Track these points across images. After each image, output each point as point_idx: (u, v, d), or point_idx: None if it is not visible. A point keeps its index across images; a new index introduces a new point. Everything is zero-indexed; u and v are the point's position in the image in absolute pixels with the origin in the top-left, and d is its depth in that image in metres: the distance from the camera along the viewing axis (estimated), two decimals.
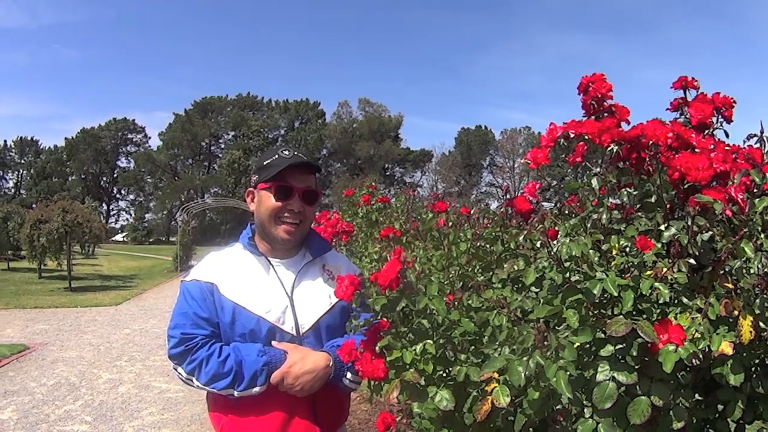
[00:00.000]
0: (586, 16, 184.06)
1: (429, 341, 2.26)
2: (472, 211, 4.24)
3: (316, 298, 2.98)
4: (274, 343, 2.82)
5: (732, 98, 2.60)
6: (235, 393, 2.73)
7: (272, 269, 2.97)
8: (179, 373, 2.81)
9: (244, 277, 2.92)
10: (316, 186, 3.06)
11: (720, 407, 2.24)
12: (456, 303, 2.47)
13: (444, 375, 2.32)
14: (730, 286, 2.01)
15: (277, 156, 2.95)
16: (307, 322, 2.91)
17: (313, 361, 2.77)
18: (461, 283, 3.04)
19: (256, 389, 2.73)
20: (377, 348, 2.30)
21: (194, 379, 2.76)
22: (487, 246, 3.28)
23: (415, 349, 2.25)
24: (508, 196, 2.84)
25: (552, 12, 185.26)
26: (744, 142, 2.56)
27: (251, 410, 2.81)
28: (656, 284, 1.97)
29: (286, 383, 2.74)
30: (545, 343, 1.90)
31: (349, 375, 2.83)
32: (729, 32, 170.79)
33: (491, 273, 2.99)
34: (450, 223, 4.12)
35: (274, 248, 3.01)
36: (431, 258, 3.61)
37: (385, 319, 2.41)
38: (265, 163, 2.97)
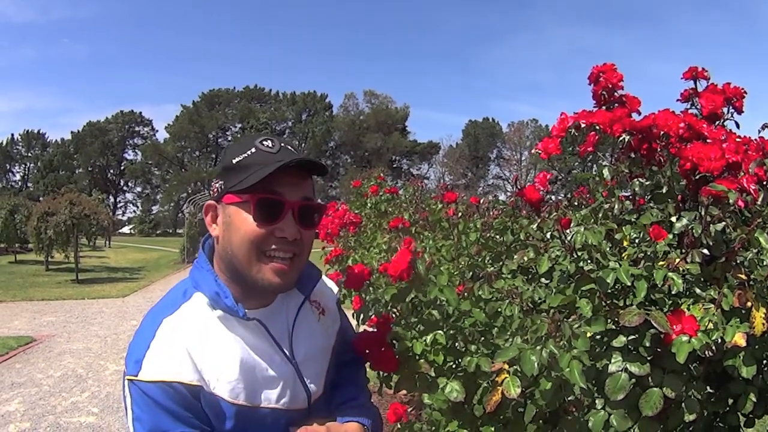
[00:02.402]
0: (596, 8, 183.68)
1: (439, 332, 2.24)
2: (481, 201, 4.22)
3: (319, 350, 2.18)
4: None
5: (743, 89, 2.59)
6: None
7: (265, 332, 2.00)
8: None
9: (234, 359, 1.92)
10: (315, 195, 2.05)
11: (731, 401, 2.23)
12: (466, 293, 2.46)
13: (454, 366, 2.31)
14: (744, 277, 2.00)
15: (254, 149, 1.92)
16: (317, 388, 2.12)
17: None
18: (471, 273, 3.02)
19: None
20: (388, 340, 2.28)
21: None
22: (497, 236, 3.26)
23: (425, 340, 2.23)
24: (518, 186, 2.82)
25: (561, 4, 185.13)
26: (758, 132, 2.55)
27: None
28: (669, 274, 1.96)
29: None
30: (558, 332, 1.89)
31: None
32: (738, 24, 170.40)
33: (501, 263, 2.98)
34: (459, 214, 4.11)
35: (251, 294, 1.99)
36: (440, 248, 3.59)
37: (395, 311, 2.37)
38: (235, 161, 1.92)
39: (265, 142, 1.93)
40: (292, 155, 1.91)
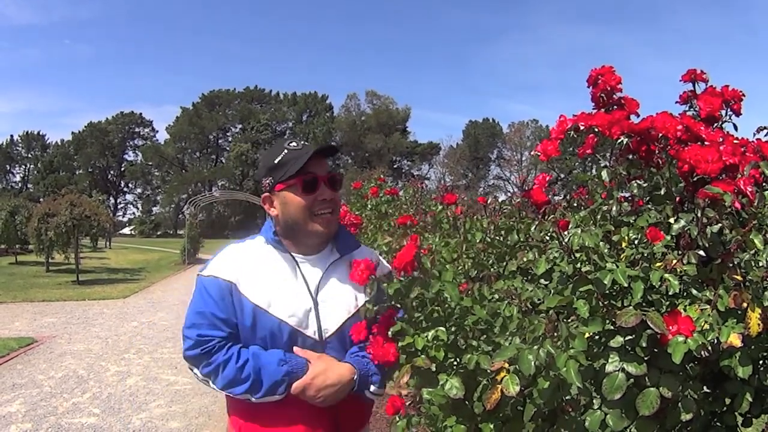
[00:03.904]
0: (596, 7, 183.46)
1: (441, 328, 2.26)
2: (488, 201, 4.23)
3: (342, 300, 2.78)
4: (296, 350, 2.67)
5: (741, 91, 2.61)
6: (253, 399, 2.62)
7: (297, 267, 2.78)
8: (195, 374, 2.70)
9: (266, 275, 2.73)
10: (335, 169, 2.85)
11: (727, 400, 2.25)
12: (468, 293, 2.47)
13: (455, 363, 2.33)
14: (739, 278, 2.01)
15: (286, 151, 2.75)
16: (330, 327, 2.73)
17: (337, 374, 2.65)
18: (475, 272, 3.03)
19: (276, 397, 2.61)
20: (389, 333, 2.33)
21: (210, 382, 2.65)
22: (500, 237, 3.26)
23: (427, 336, 2.26)
24: (525, 187, 2.82)
25: (561, 3, 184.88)
26: (753, 135, 2.56)
27: (269, 417, 2.69)
28: (666, 275, 1.98)
29: (308, 394, 2.62)
30: (556, 333, 1.91)
31: (372, 387, 2.73)
32: (737, 24, 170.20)
33: (504, 263, 2.99)
34: (465, 214, 4.11)
35: (302, 245, 2.81)
36: (441, 250, 3.58)
37: (398, 308, 2.41)
38: (276, 161, 2.75)
39: (291, 144, 2.80)
40: (312, 148, 2.76)
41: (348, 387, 2.67)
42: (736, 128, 2.60)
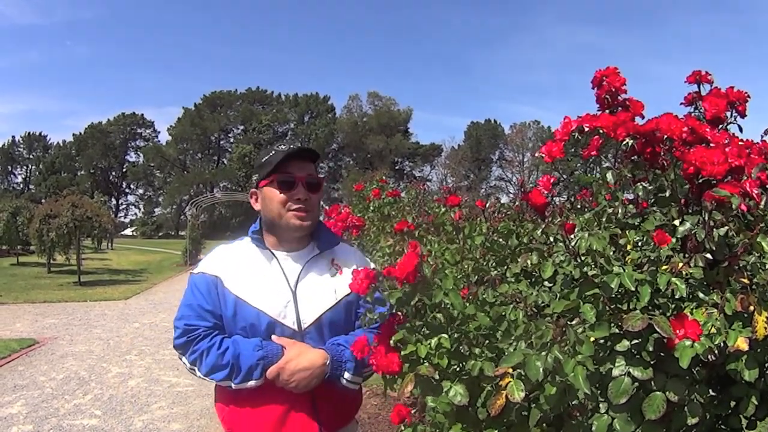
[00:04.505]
0: (597, 8, 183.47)
1: (444, 335, 2.24)
2: (487, 205, 4.22)
3: (321, 292, 2.98)
4: (274, 337, 2.85)
5: (746, 92, 2.59)
6: (233, 385, 2.79)
7: (277, 262, 2.98)
8: (184, 363, 2.91)
9: (247, 270, 2.96)
10: (317, 173, 3.08)
11: (733, 403, 2.23)
12: (471, 297, 2.45)
13: (458, 369, 2.31)
14: (746, 281, 2.00)
15: (274, 152, 2.98)
16: (309, 318, 2.91)
17: (309, 359, 2.78)
18: (476, 277, 3.02)
19: (252, 383, 2.78)
20: (392, 342, 2.30)
21: (196, 370, 2.85)
22: (501, 240, 3.25)
23: (429, 343, 2.23)
24: (523, 190, 2.81)
25: (562, 4, 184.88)
26: (761, 137, 2.55)
27: (250, 403, 2.86)
28: (673, 279, 1.97)
29: (282, 379, 2.76)
30: (563, 338, 1.89)
31: (346, 375, 2.84)
32: (740, 26, 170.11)
33: (505, 267, 2.98)
34: (464, 217, 4.10)
35: (283, 241, 3.02)
36: (444, 252, 3.57)
37: (400, 314, 2.40)
38: (263, 160, 3.00)
39: (281, 146, 3.02)
40: (296, 148, 2.97)
41: (320, 372, 2.81)
42: (741, 130, 2.58)
